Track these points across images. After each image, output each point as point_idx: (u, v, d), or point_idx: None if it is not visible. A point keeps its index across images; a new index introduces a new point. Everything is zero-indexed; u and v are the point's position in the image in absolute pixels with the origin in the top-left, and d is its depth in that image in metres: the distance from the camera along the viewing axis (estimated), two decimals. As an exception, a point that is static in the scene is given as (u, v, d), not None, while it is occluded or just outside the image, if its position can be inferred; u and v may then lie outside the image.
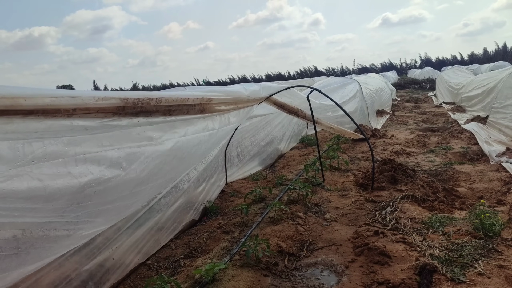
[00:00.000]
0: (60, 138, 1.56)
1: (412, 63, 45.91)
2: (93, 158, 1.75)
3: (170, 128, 2.32)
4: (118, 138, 1.90)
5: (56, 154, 1.57)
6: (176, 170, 3.00)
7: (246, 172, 6.28)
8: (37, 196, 1.52)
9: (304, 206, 4.45)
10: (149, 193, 2.79)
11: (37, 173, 1.50)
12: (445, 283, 2.67)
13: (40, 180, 1.51)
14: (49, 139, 1.52)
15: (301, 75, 46.33)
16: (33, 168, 1.47)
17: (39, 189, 1.51)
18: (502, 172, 5.22)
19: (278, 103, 4.45)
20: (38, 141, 1.48)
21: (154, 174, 2.33)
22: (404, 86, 26.22)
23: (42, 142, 1.50)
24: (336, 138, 8.26)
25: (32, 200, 1.52)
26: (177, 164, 2.69)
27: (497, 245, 3.12)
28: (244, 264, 3.10)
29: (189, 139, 2.56)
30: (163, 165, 2.36)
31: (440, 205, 4.33)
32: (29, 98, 1.39)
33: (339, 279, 2.98)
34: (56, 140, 1.55)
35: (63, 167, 1.60)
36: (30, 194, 1.49)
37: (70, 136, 1.60)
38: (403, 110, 14.53)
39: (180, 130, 2.43)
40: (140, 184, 2.25)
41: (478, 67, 27.83)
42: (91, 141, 1.73)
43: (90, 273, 2.86)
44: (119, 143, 1.91)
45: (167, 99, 2.12)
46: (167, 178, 2.99)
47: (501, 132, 7.17)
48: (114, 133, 1.85)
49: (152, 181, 2.44)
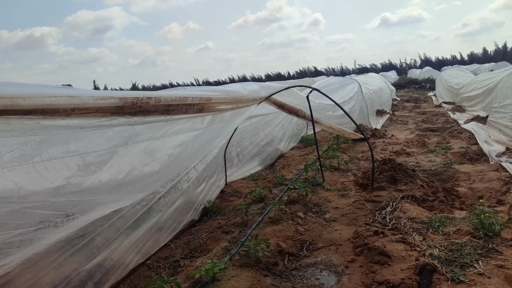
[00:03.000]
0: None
1: (412, 63, 46.00)
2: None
3: (168, 126, 2.31)
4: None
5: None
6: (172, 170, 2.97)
7: (246, 172, 6.28)
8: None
9: (304, 206, 4.44)
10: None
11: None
12: (445, 283, 2.67)
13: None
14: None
15: (300, 75, 46.36)
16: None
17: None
18: (502, 172, 5.22)
19: (278, 103, 4.45)
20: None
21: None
22: (404, 86, 26.21)
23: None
24: (336, 138, 8.25)
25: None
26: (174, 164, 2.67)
27: (497, 245, 3.12)
28: (244, 264, 3.10)
29: (187, 139, 2.55)
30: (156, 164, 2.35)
31: (440, 205, 4.32)
32: (28, 98, 1.38)
33: (339, 279, 2.98)
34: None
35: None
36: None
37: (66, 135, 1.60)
38: (403, 110, 14.52)
39: (177, 129, 2.42)
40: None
41: (478, 67, 27.84)
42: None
43: (89, 273, 2.86)
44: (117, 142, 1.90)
45: (166, 99, 2.11)
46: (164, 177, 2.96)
47: (501, 132, 7.17)
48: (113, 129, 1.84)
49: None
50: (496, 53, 39.73)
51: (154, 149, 2.38)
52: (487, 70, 22.94)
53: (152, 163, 2.40)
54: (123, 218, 3.26)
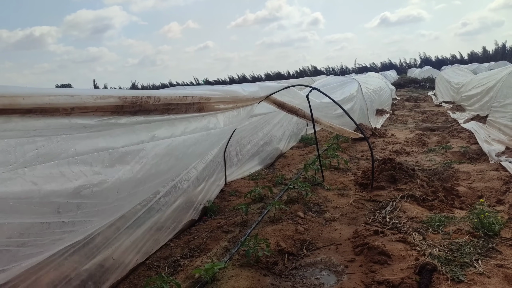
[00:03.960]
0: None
1: (411, 62, 45.99)
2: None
3: (168, 126, 2.31)
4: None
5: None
6: (174, 169, 2.97)
7: (245, 171, 6.28)
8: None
9: (304, 206, 4.44)
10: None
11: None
12: (445, 282, 2.67)
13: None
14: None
15: (300, 74, 46.32)
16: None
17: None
18: (501, 171, 5.22)
19: (278, 102, 4.44)
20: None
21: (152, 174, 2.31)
22: (404, 85, 26.20)
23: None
24: (336, 137, 8.25)
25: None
26: (175, 163, 2.67)
27: (497, 245, 3.12)
28: (243, 263, 3.10)
29: (186, 138, 2.54)
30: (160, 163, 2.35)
31: (439, 205, 4.32)
32: (27, 97, 1.38)
33: (339, 278, 2.98)
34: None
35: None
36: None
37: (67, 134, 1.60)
38: (402, 109, 14.52)
39: (177, 129, 2.41)
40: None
41: (478, 66, 27.85)
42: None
43: (89, 272, 2.86)
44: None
45: (165, 98, 2.11)
46: (166, 177, 2.96)
47: (501, 131, 7.17)
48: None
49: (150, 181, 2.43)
50: (495, 52, 39.75)
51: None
52: (487, 69, 22.93)
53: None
54: (123, 217, 3.25)
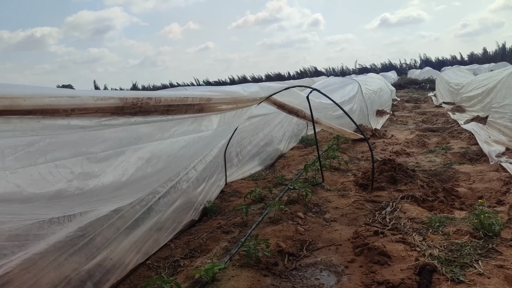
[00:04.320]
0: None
1: (412, 63, 45.94)
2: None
3: (168, 127, 2.31)
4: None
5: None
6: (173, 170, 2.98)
7: (246, 172, 6.28)
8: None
9: (304, 206, 4.44)
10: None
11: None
12: (445, 283, 2.67)
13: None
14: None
15: (301, 75, 46.32)
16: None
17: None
18: (501, 172, 5.22)
19: (278, 103, 4.45)
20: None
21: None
22: (404, 86, 26.20)
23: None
24: (336, 138, 8.25)
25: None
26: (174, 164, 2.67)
27: (497, 245, 3.12)
28: (243, 264, 3.10)
29: (186, 138, 2.55)
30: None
31: (439, 205, 4.32)
32: (28, 98, 1.38)
33: (339, 279, 2.98)
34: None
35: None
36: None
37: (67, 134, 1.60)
38: (403, 110, 14.52)
39: (176, 129, 2.42)
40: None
41: (478, 67, 27.84)
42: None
43: (89, 273, 2.86)
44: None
45: (166, 99, 2.12)
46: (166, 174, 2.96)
47: (501, 132, 7.17)
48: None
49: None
50: (496, 53, 39.74)
51: (161, 150, 2.41)
52: (487, 70, 22.94)
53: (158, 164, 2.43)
54: (123, 218, 3.26)
